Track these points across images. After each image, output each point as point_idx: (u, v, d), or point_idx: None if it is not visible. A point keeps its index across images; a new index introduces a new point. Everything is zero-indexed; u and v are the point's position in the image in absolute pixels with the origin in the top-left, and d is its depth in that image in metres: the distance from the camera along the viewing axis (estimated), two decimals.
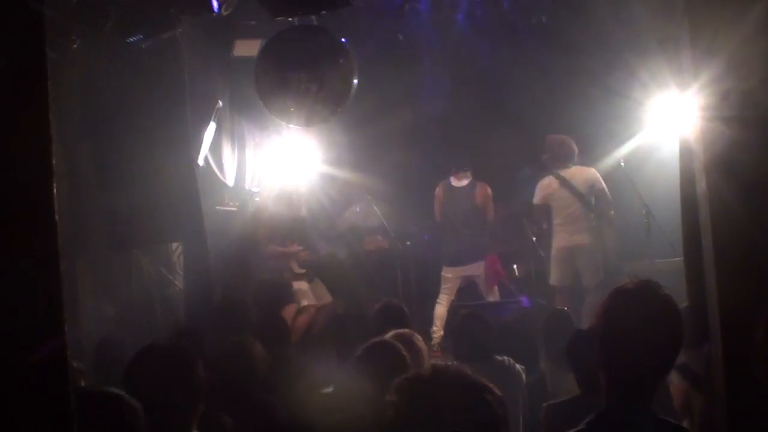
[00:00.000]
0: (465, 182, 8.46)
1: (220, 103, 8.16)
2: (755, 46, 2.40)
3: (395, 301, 5.28)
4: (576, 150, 8.20)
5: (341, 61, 6.70)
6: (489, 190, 8.45)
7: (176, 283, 7.84)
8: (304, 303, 8.13)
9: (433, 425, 1.57)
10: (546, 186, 8.14)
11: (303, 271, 8.32)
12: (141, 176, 6.77)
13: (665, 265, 7.52)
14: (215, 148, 8.36)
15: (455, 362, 5.30)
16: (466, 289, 8.90)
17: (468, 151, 9.21)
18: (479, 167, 8.75)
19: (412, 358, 3.49)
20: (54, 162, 1.21)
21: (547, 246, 8.30)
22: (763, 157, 2.38)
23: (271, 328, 4.90)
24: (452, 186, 8.53)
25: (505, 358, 4.74)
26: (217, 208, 8.93)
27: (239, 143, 9.06)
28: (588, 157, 8.43)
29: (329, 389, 3.93)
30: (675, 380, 3.17)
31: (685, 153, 2.88)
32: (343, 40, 6.82)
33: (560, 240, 8.03)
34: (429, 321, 8.87)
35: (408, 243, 9.28)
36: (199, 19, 7.09)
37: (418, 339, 3.93)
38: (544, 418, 3.64)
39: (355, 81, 6.75)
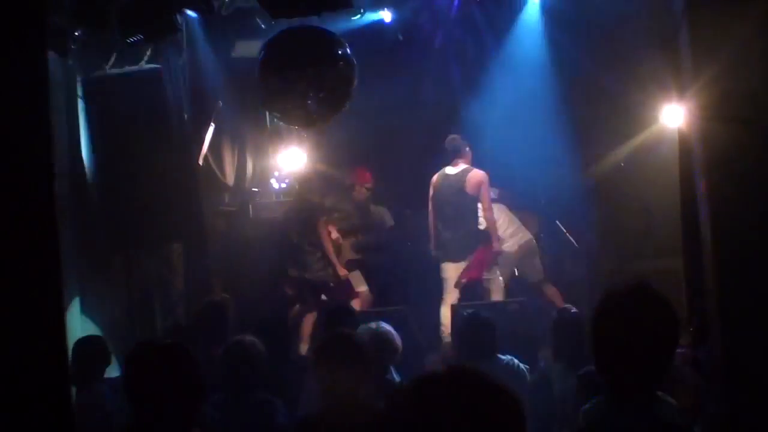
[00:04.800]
0: (458, 169, 7.95)
1: (220, 103, 8.16)
2: (755, 46, 2.40)
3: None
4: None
5: (341, 61, 6.70)
6: (482, 176, 7.88)
7: (176, 283, 7.84)
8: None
9: (448, 427, 1.56)
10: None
11: (358, 256, 8.19)
12: (141, 176, 6.78)
13: (665, 265, 7.51)
14: (215, 148, 8.36)
15: (468, 363, 5.33)
16: (467, 289, 8.90)
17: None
18: (479, 167, 8.74)
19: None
20: (54, 162, 1.21)
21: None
22: (763, 157, 2.38)
23: (276, 327, 4.92)
24: (446, 173, 8.05)
25: (509, 357, 4.74)
26: (217, 208, 8.93)
27: (239, 143, 9.05)
28: (588, 157, 8.43)
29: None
30: (689, 378, 3.15)
31: (685, 153, 2.88)
32: (343, 40, 6.82)
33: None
34: (428, 319, 8.88)
35: (409, 243, 9.27)
36: (199, 19, 7.11)
37: (393, 331, 4.12)
38: None
39: (355, 81, 6.75)
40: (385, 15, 8.78)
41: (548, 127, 8.74)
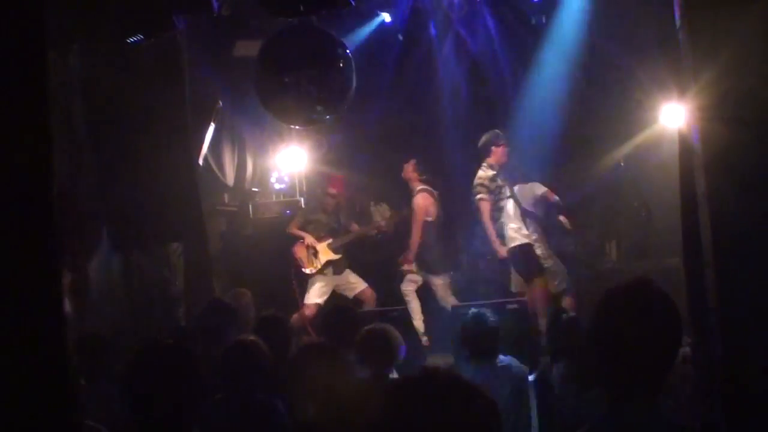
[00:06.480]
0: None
1: (220, 103, 8.16)
2: (755, 46, 2.40)
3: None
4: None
5: (341, 61, 6.70)
6: (420, 201, 8.18)
7: (176, 283, 7.84)
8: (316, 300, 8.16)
9: (424, 429, 1.57)
10: None
11: (338, 256, 8.28)
12: (141, 176, 6.77)
13: (665, 265, 7.52)
14: (215, 148, 8.36)
15: (446, 365, 5.36)
16: (466, 291, 8.91)
17: (467, 151, 9.22)
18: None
19: None
20: (54, 162, 1.21)
21: None
22: (763, 157, 2.39)
23: (271, 326, 4.91)
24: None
25: (509, 358, 4.75)
26: (217, 208, 8.94)
27: (239, 143, 9.06)
28: (588, 157, 8.43)
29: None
30: (691, 377, 3.15)
31: (685, 153, 2.88)
32: (342, 40, 6.83)
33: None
34: (428, 320, 8.88)
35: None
36: (199, 19, 7.10)
37: (395, 332, 4.27)
38: None
39: (354, 82, 6.75)
40: (385, 16, 8.80)
41: (549, 127, 8.76)
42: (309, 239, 8.26)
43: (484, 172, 7.81)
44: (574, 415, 3.80)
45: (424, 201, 8.17)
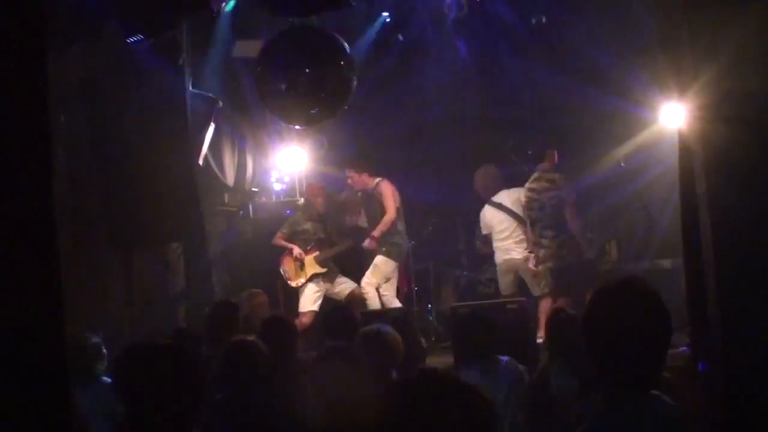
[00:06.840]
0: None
1: (220, 103, 8.18)
2: (755, 46, 2.40)
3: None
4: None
5: (341, 61, 6.71)
6: (389, 188, 8.19)
7: (176, 283, 7.84)
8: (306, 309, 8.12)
9: (421, 429, 1.58)
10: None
11: (324, 269, 8.28)
12: (141, 177, 6.78)
13: (665, 265, 7.52)
14: (215, 148, 8.37)
15: (444, 366, 5.36)
16: (467, 289, 8.91)
17: (467, 151, 9.22)
18: (478, 167, 8.75)
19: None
20: (54, 162, 1.21)
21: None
22: (763, 157, 2.39)
23: (276, 327, 4.90)
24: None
25: (507, 358, 4.74)
26: (217, 208, 8.94)
27: (239, 143, 9.07)
28: (588, 157, 8.43)
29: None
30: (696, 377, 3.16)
31: (685, 153, 2.88)
32: (343, 40, 6.83)
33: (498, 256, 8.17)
34: (428, 319, 8.88)
35: (412, 242, 9.27)
36: (199, 19, 7.11)
37: (395, 333, 4.24)
38: None
39: (355, 81, 6.75)
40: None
41: (548, 126, 8.76)
42: (297, 251, 8.23)
43: (552, 175, 7.60)
44: (573, 414, 3.80)
45: (391, 186, 8.17)
